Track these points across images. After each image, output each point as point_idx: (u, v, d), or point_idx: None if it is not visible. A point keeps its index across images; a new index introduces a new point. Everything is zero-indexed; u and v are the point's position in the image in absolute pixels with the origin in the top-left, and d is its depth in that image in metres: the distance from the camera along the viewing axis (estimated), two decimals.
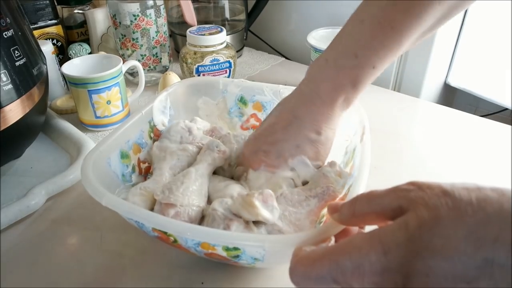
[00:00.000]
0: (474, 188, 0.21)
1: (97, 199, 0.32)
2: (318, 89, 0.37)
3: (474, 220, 0.20)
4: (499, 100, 0.72)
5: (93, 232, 0.43)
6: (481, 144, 0.58)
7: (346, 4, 0.83)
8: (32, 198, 0.45)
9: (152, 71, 0.75)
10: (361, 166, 0.35)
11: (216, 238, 0.29)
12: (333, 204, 0.28)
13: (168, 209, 0.36)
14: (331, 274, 0.22)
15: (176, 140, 0.45)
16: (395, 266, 0.21)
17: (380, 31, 0.34)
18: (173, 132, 0.46)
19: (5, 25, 0.45)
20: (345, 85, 0.36)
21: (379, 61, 0.35)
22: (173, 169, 0.42)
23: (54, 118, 0.60)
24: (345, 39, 0.36)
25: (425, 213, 0.21)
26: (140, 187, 0.39)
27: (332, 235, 0.28)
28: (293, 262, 0.25)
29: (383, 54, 0.35)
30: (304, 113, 0.38)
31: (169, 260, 0.40)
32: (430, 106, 0.69)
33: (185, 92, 0.51)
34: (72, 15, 0.79)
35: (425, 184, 0.23)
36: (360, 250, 0.22)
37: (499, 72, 0.71)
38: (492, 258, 0.19)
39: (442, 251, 0.20)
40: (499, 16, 0.69)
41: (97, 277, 0.38)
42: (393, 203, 0.23)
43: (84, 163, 0.36)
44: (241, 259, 0.31)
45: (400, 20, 0.33)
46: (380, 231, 0.22)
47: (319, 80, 0.38)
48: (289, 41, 0.92)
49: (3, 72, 0.43)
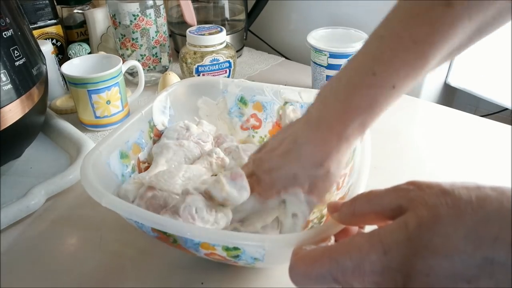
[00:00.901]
0: (473, 187, 0.21)
1: (97, 200, 0.32)
2: (327, 112, 0.33)
3: (474, 219, 0.20)
4: (499, 100, 0.72)
5: (93, 232, 0.43)
6: (481, 144, 0.58)
7: (346, 4, 0.84)
8: (31, 198, 0.45)
9: (151, 71, 0.75)
10: (361, 166, 0.35)
11: (216, 238, 0.29)
12: (333, 204, 0.28)
13: (148, 191, 0.38)
14: (331, 273, 0.22)
15: (173, 137, 0.46)
16: (395, 266, 0.21)
17: (400, 46, 0.30)
18: (171, 130, 0.47)
19: (4, 25, 0.45)
20: (360, 107, 0.31)
21: (400, 80, 0.31)
22: (169, 162, 0.43)
23: (54, 118, 0.60)
24: (362, 56, 0.32)
25: (424, 213, 0.21)
26: (134, 177, 0.41)
27: (331, 234, 0.28)
28: (292, 261, 0.25)
29: (404, 72, 0.30)
30: (307, 139, 0.33)
31: (169, 260, 0.40)
32: (430, 106, 0.69)
33: (185, 92, 0.51)
34: (71, 15, 0.79)
35: (425, 183, 0.23)
36: (360, 249, 0.22)
37: (499, 72, 0.71)
38: (492, 257, 0.19)
39: (442, 250, 0.20)
40: None
41: (97, 277, 0.38)
42: (393, 202, 0.23)
43: (84, 163, 0.36)
44: (241, 259, 0.31)
45: (424, 34, 0.29)
46: (380, 231, 0.22)
47: (329, 101, 0.33)
48: (289, 41, 0.92)
49: (3, 72, 0.43)
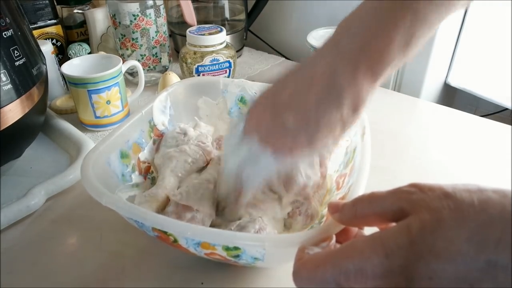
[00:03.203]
0: (475, 189, 0.21)
1: (97, 199, 0.32)
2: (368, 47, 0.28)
3: (477, 222, 0.20)
4: (499, 100, 0.72)
5: (93, 232, 0.43)
6: (481, 144, 0.58)
7: (346, 4, 0.83)
8: (31, 198, 0.45)
9: (151, 71, 0.75)
10: (361, 166, 0.35)
11: (216, 237, 0.29)
12: (334, 204, 0.28)
13: (186, 212, 0.36)
14: (334, 278, 0.22)
15: (172, 145, 0.46)
16: (397, 269, 0.21)
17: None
18: (169, 138, 0.47)
19: (4, 25, 0.45)
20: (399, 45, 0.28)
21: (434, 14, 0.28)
22: (174, 171, 0.43)
23: (54, 118, 0.60)
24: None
25: (427, 216, 0.21)
26: (145, 194, 0.40)
27: (332, 234, 0.28)
28: (296, 266, 0.25)
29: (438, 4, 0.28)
30: (347, 82, 0.29)
31: (169, 260, 0.39)
32: (430, 106, 0.69)
33: (185, 92, 0.51)
34: (71, 15, 0.79)
35: (427, 186, 0.23)
36: (362, 253, 0.22)
37: (499, 72, 0.71)
38: (495, 260, 0.19)
39: (445, 253, 0.20)
40: (499, 16, 0.69)
41: (97, 277, 0.38)
42: (395, 205, 0.23)
43: (84, 163, 0.36)
44: (241, 259, 0.31)
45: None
46: (382, 234, 0.22)
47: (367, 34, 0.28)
48: (289, 41, 0.92)
49: (3, 72, 0.43)
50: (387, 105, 0.67)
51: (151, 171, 0.45)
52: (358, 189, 0.32)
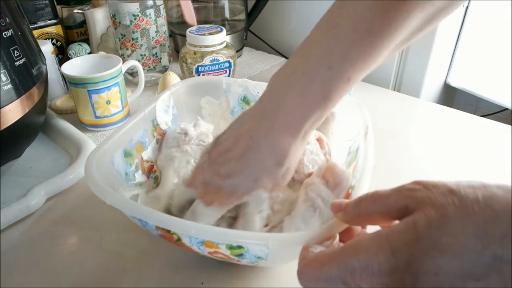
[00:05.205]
0: (479, 186, 0.21)
1: (101, 198, 0.32)
2: (283, 106, 0.32)
3: (482, 217, 0.20)
4: (499, 100, 0.73)
5: (93, 232, 0.43)
6: (481, 144, 0.58)
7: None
8: (32, 198, 0.44)
9: (152, 71, 0.75)
10: (364, 165, 0.35)
11: (219, 236, 0.29)
12: (337, 203, 0.28)
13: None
14: (339, 275, 0.22)
15: (174, 146, 0.46)
16: (403, 266, 0.21)
17: (356, 38, 0.30)
18: (170, 139, 0.47)
19: (4, 25, 0.44)
20: (317, 102, 0.31)
21: (356, 73, 0.31)
22: (177, 171, 0.43)
23: (54, 118, 0.60)
24: (316, 47, 0.32)
25: (432, 212, 0.21)
26: (149, 195, 0.40)
27: (336, 233, 0.28)
28: (301, 265, 0.25)
29: (360, 65, 0.30)
30: (264, 137, 0.32)
31: (169, 260, 0.39)
32: (430, 106, 0.69)
33: (188, 92, 0.51)
34: (71, 15, 0.79)
35: (431, 183, 0.23)
36: (368, 250, 0.22)
37: (499, 72, 0.72)
38: (501, 255, 0.19)
39: (451, 249, 0.20)
40: (499, 16, 0.69)
41: (97, 277, 0.38)
42: (399, 202, 0.23)
43: (88, 162, 0.36)
44: (244, 258, 0.31)
45: (380, 25, 0.29)
46: (388, 231, 0.22)
47: (284, 94, 0.32)
48: (289, 41, 0.92)
49: (3, 72, 0.43)
50: (387, 105, 0.68)
51: (154, 170, 0.45)
52: (361, 189, 0.32)
